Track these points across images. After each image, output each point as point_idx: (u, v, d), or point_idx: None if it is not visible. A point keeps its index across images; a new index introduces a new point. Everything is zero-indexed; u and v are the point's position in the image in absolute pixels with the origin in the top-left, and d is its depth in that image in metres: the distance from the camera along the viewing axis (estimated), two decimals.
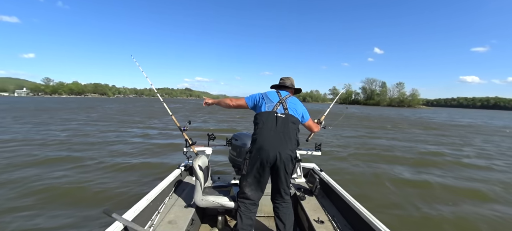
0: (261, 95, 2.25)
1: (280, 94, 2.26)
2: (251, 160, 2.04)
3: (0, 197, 3.94)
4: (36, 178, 4.74)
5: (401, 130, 16.72)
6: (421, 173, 6.17)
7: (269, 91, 2.33)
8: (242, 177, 2.12)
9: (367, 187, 5.01)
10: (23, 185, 4.41)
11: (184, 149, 3.03)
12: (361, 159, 7.31)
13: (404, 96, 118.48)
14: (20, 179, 4.66)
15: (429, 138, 12.89)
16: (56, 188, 4.36)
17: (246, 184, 2.09)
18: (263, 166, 2.02)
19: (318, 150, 3.17)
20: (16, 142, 8.14)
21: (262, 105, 2.17)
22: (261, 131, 2.05)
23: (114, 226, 1.73)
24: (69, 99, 69.02)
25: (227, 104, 2.34)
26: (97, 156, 6.57)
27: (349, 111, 40.24)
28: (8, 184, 4.43)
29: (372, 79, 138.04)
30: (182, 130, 2.99)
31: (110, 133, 11.01)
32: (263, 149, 1.99)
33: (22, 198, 3.93)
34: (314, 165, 3.44)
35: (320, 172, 3.13)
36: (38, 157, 6.29)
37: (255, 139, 2.06)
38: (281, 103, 2.17)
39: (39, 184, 4.47)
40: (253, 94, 2.31)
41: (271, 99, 2.19)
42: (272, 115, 2.09)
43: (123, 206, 2.93)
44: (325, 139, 10.52)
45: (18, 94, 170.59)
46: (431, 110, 78.64)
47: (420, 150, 9.21)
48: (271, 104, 2.15)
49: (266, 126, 2.05)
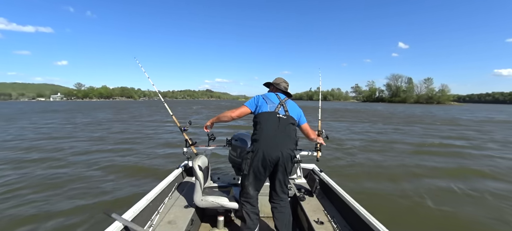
0: (262, 97, 2.29)
1: (279, 97, 2.32)
2: (254, 159, 2.06)
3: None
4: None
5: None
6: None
7: (269, 93, 2.38)
8: (244, 177, 2.14)
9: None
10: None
11: (184, 149, 3.06)
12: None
13: (432, 93, 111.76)
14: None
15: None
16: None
17: (249, 184, 2.13)
18: (265, 165, 2.05)
19: (318, 150, 3.10)
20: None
21: (264, 106, 2.21)
22: (264, 131, 2.09)
23: (114, 226, 1.75)
24: (102, 104, 72.61)
25: (230, 116, 2.32)
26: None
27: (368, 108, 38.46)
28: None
29: (397, 75, 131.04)
30: (182, 130, 3.03)
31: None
32: (267, 148, 2.03)
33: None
34: (314, 165, 3.42)
35: (320, 173, 3.12)
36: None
37: (257, 139, 2.08)
38: (281, 105, 2.24)
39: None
40: (252, 98, 2.34)
41: (272, 101, 2.25)
42: (274, 115, 2.15)
43: (123, 206, 3.01)
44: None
45: (53, 99, 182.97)
46: (462, 107, 73.46)
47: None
48: (273, 106, 2.21)
49: (268, 125, 2.10)
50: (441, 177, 5.57)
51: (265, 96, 2.29)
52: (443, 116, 27.66)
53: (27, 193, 4.30)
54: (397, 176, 5.59)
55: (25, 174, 5.31)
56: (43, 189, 4.46)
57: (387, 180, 5.28)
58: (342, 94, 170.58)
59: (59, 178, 5.05)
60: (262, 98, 2.27)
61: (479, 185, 5.05)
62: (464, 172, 6.01)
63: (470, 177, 5.58)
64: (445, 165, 6.61)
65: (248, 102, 2.33)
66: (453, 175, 5.70)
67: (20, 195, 4.25)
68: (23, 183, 4.76)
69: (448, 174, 5.82)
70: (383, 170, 6.04)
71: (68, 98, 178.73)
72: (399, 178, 5.41)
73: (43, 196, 4.17)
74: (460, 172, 6.01)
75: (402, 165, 6.49)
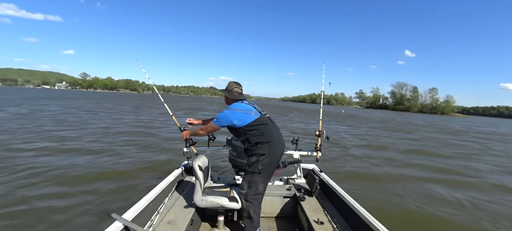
0: (241, 111, 2.25)
1: (250, 102, 2.41)
2: (270, 158, 2.18)
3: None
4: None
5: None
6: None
7: (239, 104, 2.32)
8: (256, 176, 2.18)
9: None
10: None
11: (184, 149, 3.05)
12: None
13: (437, 103, 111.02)
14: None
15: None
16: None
17: (261, 181, 2.21)
18: (276, 161, 2.26)
19: (318, 150, 3.13)
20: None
21: (247, 117, 2.23)
22: (269, 133, 2.22)
23: (114, 226, 1.75)
24: (106, 94, 72.36)
25: (202, 135, 2.49)
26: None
27: (375, 116, 38.37)
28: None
29: (402, 84, 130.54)
30: (182, 130, 3.00)
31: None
32: (277, 146, 2.24)
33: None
34: (314, 165, 3.43)
35: (320, 173, 3.12)
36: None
37: (267, 140, 2.19)
38: (255, 108, 2.36)
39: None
40: (224, 118, 2.26)
41: (250, 109, 2.30)
42: (265, 117, 2.32)
43: (124, 205, 2.98)
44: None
45: (58, 87, 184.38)
46: (466, 119, 72.93)
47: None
48: (255, 112, 2.29)
49: (269, 128, 2.26)
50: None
51: (241, 108, 2.27)
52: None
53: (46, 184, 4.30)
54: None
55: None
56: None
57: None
58: (345, 99, 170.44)
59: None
60: (243, 111, 2.25)
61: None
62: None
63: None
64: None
65: (218, 120, 2.28)
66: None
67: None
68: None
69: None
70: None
71: (72, 88, 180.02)
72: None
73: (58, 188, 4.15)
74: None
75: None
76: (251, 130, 2.22)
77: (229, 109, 2.28)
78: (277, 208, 2.92)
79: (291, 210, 2.91)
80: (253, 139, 2.21)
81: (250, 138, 2.22)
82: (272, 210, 2.92)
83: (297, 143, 3.21)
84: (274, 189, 2.94)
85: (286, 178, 3.27)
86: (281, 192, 2.90)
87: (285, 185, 3.07)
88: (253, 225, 2.20)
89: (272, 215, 2.93)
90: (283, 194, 2.90)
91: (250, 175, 2.21)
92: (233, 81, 2.45)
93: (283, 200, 2.91)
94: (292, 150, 3.22)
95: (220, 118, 2.26)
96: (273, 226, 2.76)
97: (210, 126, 2.34)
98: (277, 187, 3.02)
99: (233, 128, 2.28)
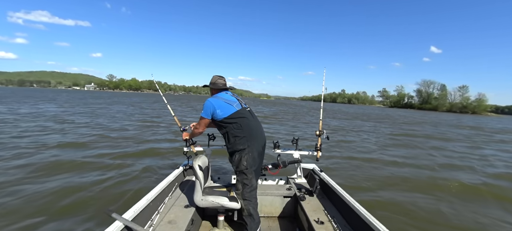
0: (223, 101, 2.34)
1: (233, 94, 2.50)
2: (251, 152, 2.23)
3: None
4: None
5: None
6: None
7: (223, 94, 2.45)
8: (244, 172, 2.23)
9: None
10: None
11: (184, 149, 3.07)
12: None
13: (467, 101, 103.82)
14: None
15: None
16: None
17: (251, 177, 2.25)
18: (259, 154, 2.30)
19: (318, 150, 3.07)
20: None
21: (228, 108, 2.31)
22: (247, 126, 2.27)
23: (114, 226, 1.75)
24: (134, 94, 74.88)
25: (199, 133, 2.57)
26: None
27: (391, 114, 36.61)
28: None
29: (429, 81, 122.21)
30: (183, 130, 3.05)
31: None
32: (257, 138, 2.29)
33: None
34: (314, 165, 3.39)
35: (320, 173, 3.09)
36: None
37: (246, 134, 2.23)
38: (238, 100, 2.42)
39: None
40: (207, 106, 2.33)
41: (233, 100, 2.38)
42: (245, 110, 2.38)
43: (123, 205, 3.01)
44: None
45: (87, 88, 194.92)
46: (501, 118, 67.31)
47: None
48: (237, 104, 2.36)
49: (247, 120, 2.30)
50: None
51: (224, 98, 2.36)
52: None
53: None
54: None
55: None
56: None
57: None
58: (367, 98, 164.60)
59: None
60: (224, 102, 2.33)
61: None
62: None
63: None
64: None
65: (204, 112, 2.35)
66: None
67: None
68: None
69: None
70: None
71: (100, 89, 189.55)
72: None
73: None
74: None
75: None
76: (230, 123, 2.27)
77: (213, 97, 2.38)
78: (277, 208, 2.92)
79: (292, 209, 2.90)
80: (232, 132, 2.26)
81: (229, 132, 2.29)
82: (272, 210, 2.92)
83: (297, 142, 3.17)
84: (274, 188, 2.94)
85: (287, 177, 3.26)
86: (282, 192, 2.90)
87: (286, 185, 3.07)
88: (255, 222, 2.23)
89: (272, 215, 2.93)
90: (283, 193, 2.90)
91: (239, 175, 2.27)
92: (216, 75, 2.57)
93: (284, 200, 2.91)
94: (293, 149, 3.19)
95: (204, 107, 2.35)
96: (273, 226, 2.75)
97: (200, 121, 2.44)
98: (277, 186, 3.02)
99: (216, 121, 2.35)
